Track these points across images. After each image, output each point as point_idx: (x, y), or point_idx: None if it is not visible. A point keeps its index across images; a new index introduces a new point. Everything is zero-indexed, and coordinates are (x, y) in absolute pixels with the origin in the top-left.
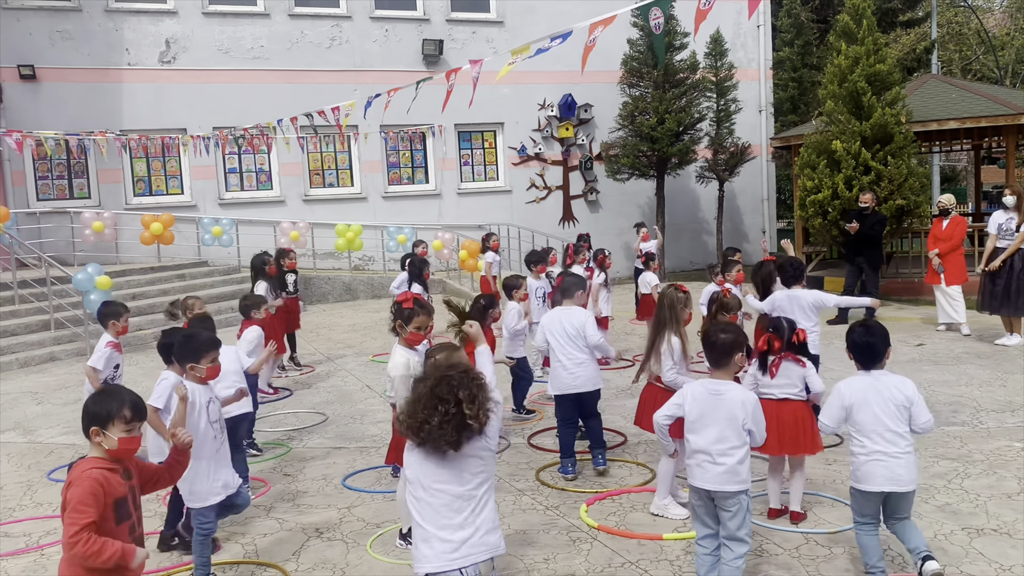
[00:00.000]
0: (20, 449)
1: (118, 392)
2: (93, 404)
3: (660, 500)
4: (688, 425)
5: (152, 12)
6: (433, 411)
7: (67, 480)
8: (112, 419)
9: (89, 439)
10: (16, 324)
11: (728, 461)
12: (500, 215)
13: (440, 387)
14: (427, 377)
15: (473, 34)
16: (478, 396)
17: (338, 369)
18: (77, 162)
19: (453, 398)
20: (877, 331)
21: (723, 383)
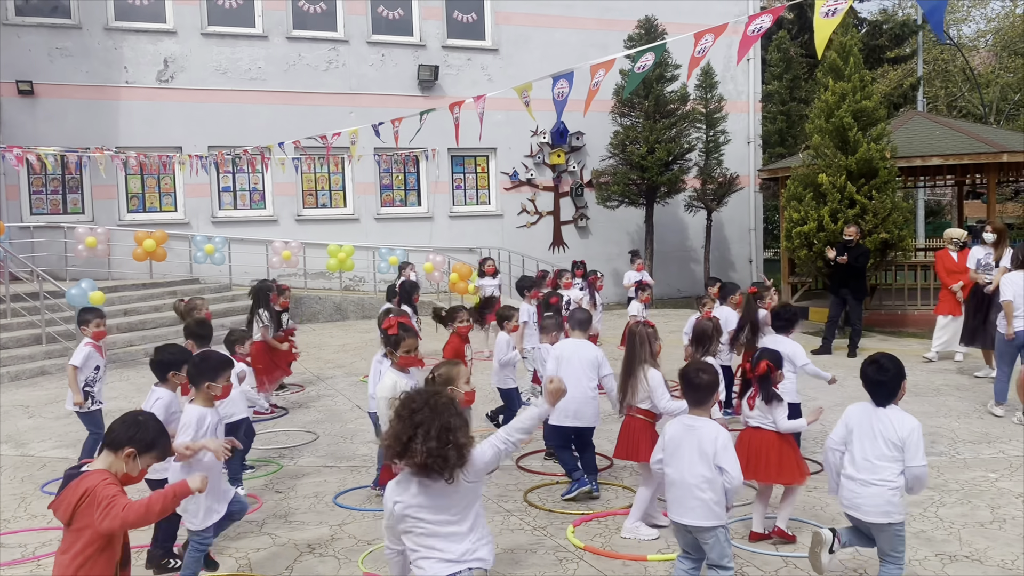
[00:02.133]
0: (13, 462)
1: (156, 423)
2: (134, 430)
3: (630, 523)
4: (665, 459)
5: (151, 31)
6: (414, 436)
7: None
8: (152, 450)
9: (116, 453)
10: (8, 338)
11: (703, 496)
12: (491, 239)
13: (419, 414)
14: (410, 402)
15: (468, 61)
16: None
17: (328, 389)
18: (71, 177)
19: (434, 426)
20: (888, 367)
21: (699, 419)
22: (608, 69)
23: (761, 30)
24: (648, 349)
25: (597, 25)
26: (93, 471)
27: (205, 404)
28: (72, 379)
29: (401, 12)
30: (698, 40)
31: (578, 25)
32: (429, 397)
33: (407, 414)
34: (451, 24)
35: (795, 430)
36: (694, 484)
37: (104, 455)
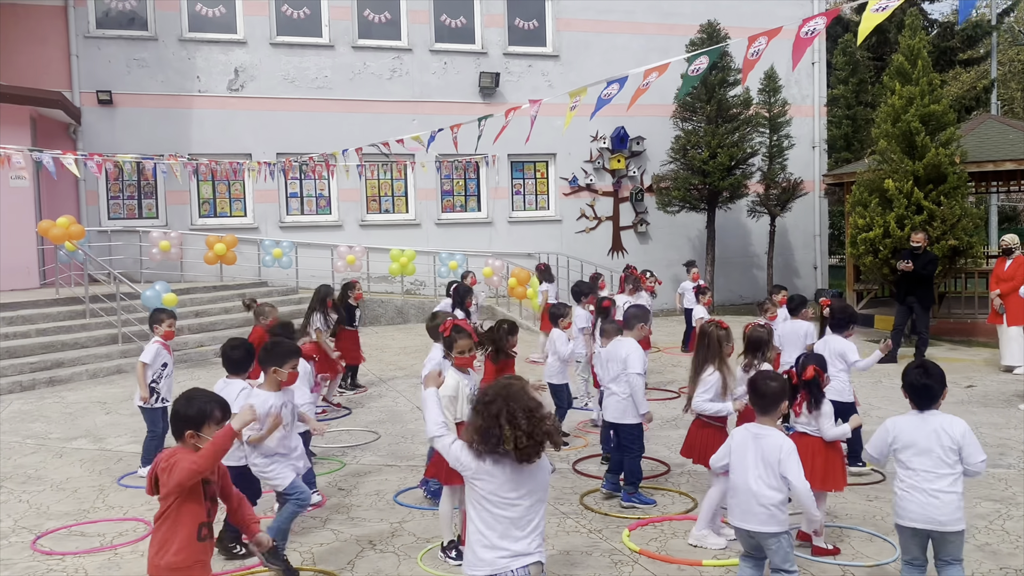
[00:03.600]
0: (91, 456)
1: (204, 394)
2: (185, 408)
3: (698, 530)
4: (731, 465)
5: (223, 42)
6: (504, 429)
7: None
8: (206, 420)
9: (182, 442)
10: (86, 337)
11: (766, 503)
12: (550, 244)
13: (495, 404)
14: (495, 399)
15: (529, 67)
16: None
17: (389, 390)
18: (147, 183)
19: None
20: (934, 372)
21: (765, 428)
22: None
23: (815, 32)
24: (719, 350)
25: (658, 30)
26: (174, 448)
27: (271, 388)
28: (140, 375)
29: (463, 20)
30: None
31: (639, 30)
32: (500, 387)
33: (482, 407)
34: (512, 31)
35: (840, 437)
36: (757, 492)
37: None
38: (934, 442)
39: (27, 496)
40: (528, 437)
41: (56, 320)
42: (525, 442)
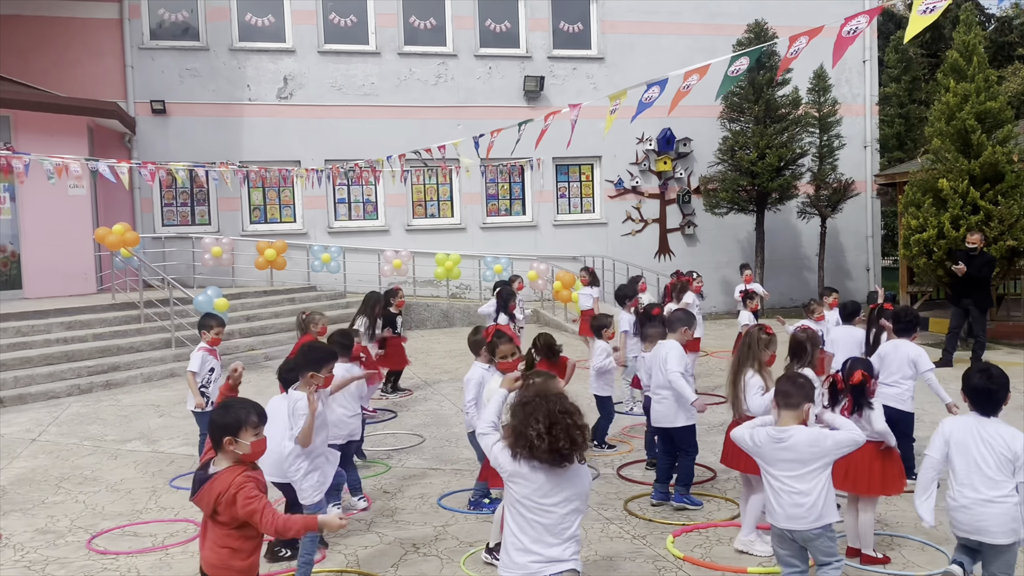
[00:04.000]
0: (145, 457)
1: (240, 402)
2: (221, 416)
3: (744, 536)
4: (763, 468)
5: (272, 51)
6: (538, 431)
7: (215, 492)
8: (242, 427)
9: (221, 449)
10: (141, 341)
11: (806, 500)
12: (595, 247)
13: (531, 404)
14: (531, 400)
15: (574, 70)
16: (559, 421)
17: (434, 393)
18: (199, 191)
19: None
20: (997, 377)
21: (788, 429)
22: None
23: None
24: (754, 352)
25: (704, 30)
26: (223, 472)
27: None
28: (191, 383)
29: (508, 25)
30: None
31: (685, 31)
32: (538, 390)
33: (520, 409)
34: (557, 34)
35: (888, 434)
36: (796, 491)
37: (220, 455)
38: (990, 449)
39: (83, 497)
40: (555, 440)
41: (112, 325)
42: (551, 444)
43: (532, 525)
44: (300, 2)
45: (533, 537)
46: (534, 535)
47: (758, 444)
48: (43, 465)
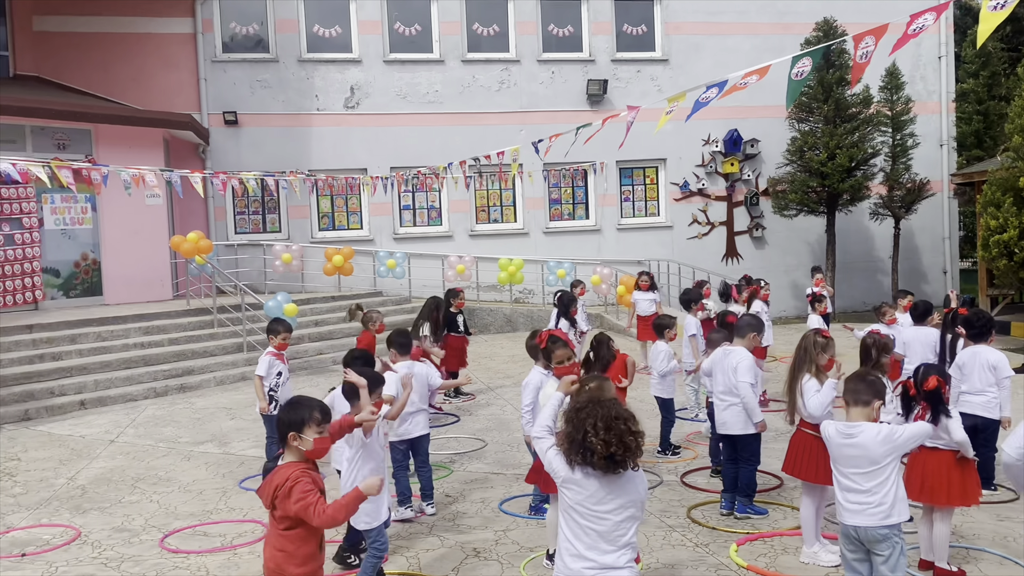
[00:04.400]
0: (216, 459)
1: (306, 400)
2: (287, 413)
3: (808, 548)
4: (833, 467)
5: (339, 61)
6: (593, 437)
7: (274, 484)
8: (306, 423)
9: (286, 444)
10: (214, 346)
11: (874, 498)
12: (660, 251)
13: (585, 410)
14: (585, 405)
15: (638, 73)
16: (613, 427)
17: (497, 398)
18: (270, 199)
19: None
20: None
21: (857, 425)
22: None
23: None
24: (810, 356)
25: (772, 29)
26: (283, 465)
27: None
28: (258, 387)
29: (571, 29)
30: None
31: (752, 31)
32: (592, 396)
33: (573, 415)
34: (620, 37)
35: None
36: (866, 489)
37: (285, 451)
38: None
39: (158, 496)
40: (609, 446)
41: (187, 330)
42: (605, 451)
43: (586, 531)
44: (366, 12)
45: (587, 544)
46: (588, 541)
47: (828, 438)
48: (121, 465)
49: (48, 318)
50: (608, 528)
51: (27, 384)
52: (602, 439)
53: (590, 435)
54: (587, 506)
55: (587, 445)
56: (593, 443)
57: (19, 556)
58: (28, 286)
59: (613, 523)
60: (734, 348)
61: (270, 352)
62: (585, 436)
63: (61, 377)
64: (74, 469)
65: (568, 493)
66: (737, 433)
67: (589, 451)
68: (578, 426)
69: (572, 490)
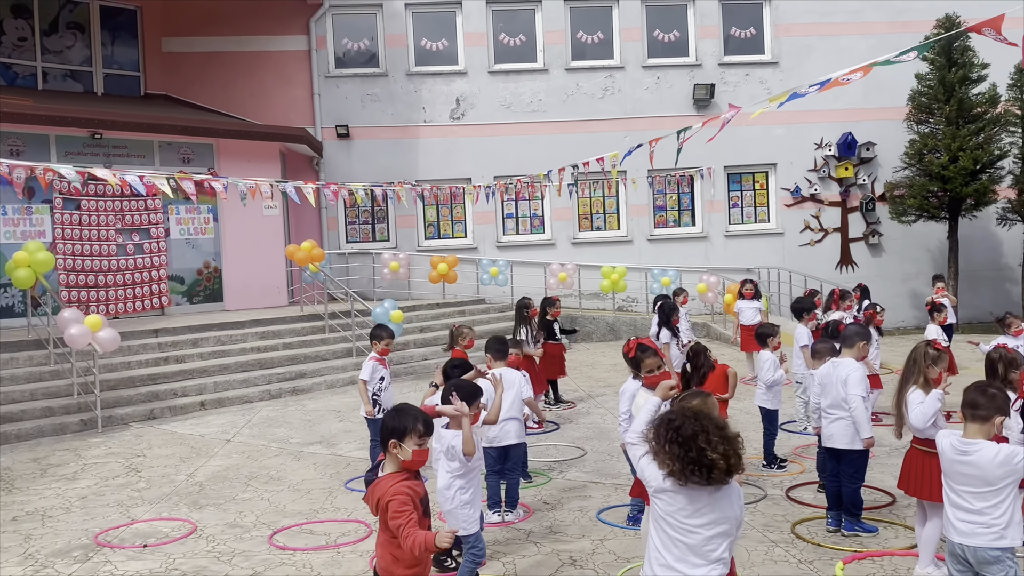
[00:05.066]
0: (324, 460)
1: (412, 410)
2: (392, 420)
3: (921, 569)
4: (944, 481)
5: (446, 74)
6: (690, 450)
7: (376, 497)
8: (408, 433)
9: (387, 451)
10: (325, 350)
11: (985, 518)
12: (771, 258)
13: (684, 427)
14: (684, 420)
15: (746, 76)
16: (726, 437)
17: (597, 407)
18: (379, 209)
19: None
20: None
21: (973, 443)
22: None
23: None
24: (919, 368)
25: (889, 28)
26: (385, 477)
27: (456, 427)
28: (362, 391)
29: (677, 34)
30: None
31: (867, 30)
32: (684, 408)
33: (674, 434)
34: (728, 41)
35: None
36: (977, 509)
37: (385, 457)
38: None
39: (268, 495)
40: (728, 459)
41: (300, 335)
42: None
43: (676, 544)
44: (472, 25)
45: (677, 556)
46: (678, 553)
47: (941, 452)
48: (235, 464)
49: (173, 323)
50: (698, 542)
51: (153, 385)
52: (721, 452)
53: (707, 451)
54: (679, 518)
55: (705, 461)
56: (713, 459)
57: (141, 547)
58: (155, 292)
59: (704, 537)
60: (842, 360)
61: (373, 357)
62: (701, 453)
63: (183, 379)
64: (193, 466)
65: (660, 503)
66: (842, 448)
67: (707, 467)
68: (687, 444)
69: (664, 500)
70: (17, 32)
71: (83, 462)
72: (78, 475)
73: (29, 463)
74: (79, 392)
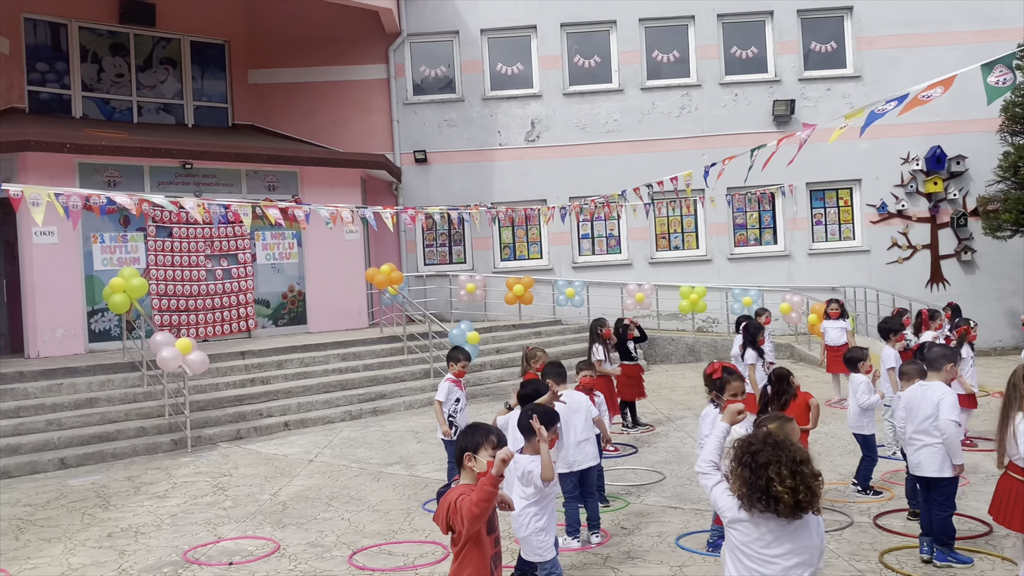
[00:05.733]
0: (403, 481)
1: (484, 426)
2: (464, 436)
3: None
4: None
5: (520, 97)
6: (769, 481)
7: (447, 503)
8: (481, 446)
9: (461, 464)
10: (404, 372)
11: None
12: (856, 276)
13: (763, 453)
14: (762, 448)
15: (827, 91)
16: (799, 472)
17: (677, 430)
18: (455, 231)
19: (776, 471)
20: None
21: None
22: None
23: None
24: (1021, 393)
25: (978, 38)
26: (455, 487)
27: (531, 452)
28: (438, 411)
29: (755, 50)
30: None
31: (955, 40)
32: (765, 436)
33: (749, 459)
34: (808, 55)
35: None
36: None
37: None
38: None
39: (348, 515)
40: (795, 494)
41: (379, 356)
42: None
43: (752, 574)
44: (547, 48)
45: None
46: None
47: None
48: (317, 484)
49: (259, 345)
50: (776, 573)
51: (239, 406)
52: (789, 487)
53: (775, 483)
54: (755, 548)
55: (772, 493)
56: (779, 491)
57: (227, 564)
58: (242, 316)
59: (782, 568)
60: (932, 383)
61: (449, 379)
62: (769, 484)
63: (268, 400)
64: (277, 486)
65: (735, 533)
66: (932, 475)
67: (774, 499)
68: (755, 470)
69: (740, 530)
70: (115, 69)
71: (173, 481)
72: (168, 493)
73: (124, 481)
74: (170, 413)
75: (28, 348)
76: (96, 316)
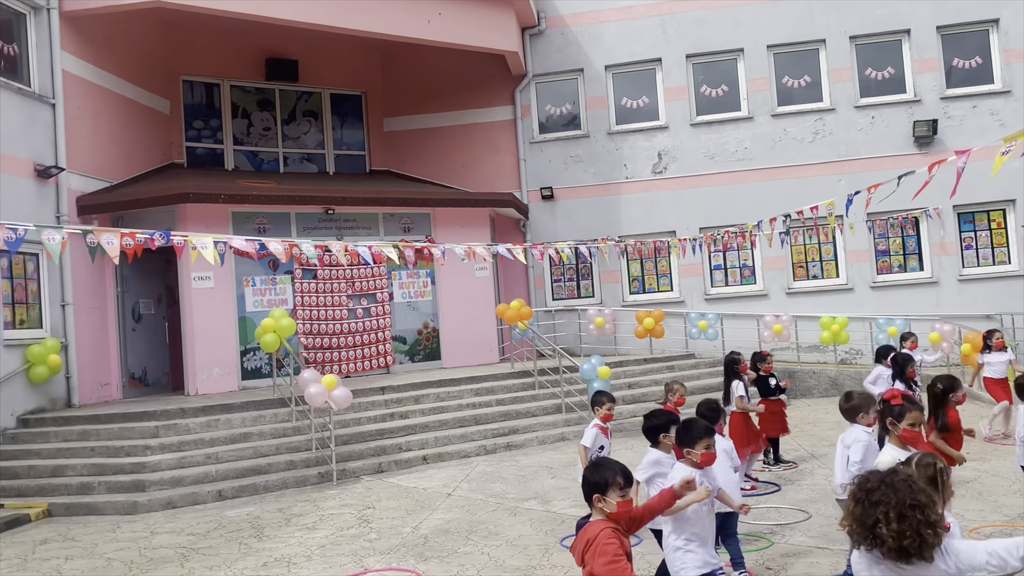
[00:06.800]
0: (539, 516)
1: (610, 463)
2: (592, 475)
3: None
4: None
5: (646, 130)
6: (877, 519)
7: (585, 538)
8: (609, 486)
9: (592, 505)
10: (536, 407)
11: None
12: (1013, 303)
13: (876, 493)
14: (878, 486)
15: (973, 108)
16: (908, 516)
17: (821, 467)
18: (583, 266)
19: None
20: None
21: None
22: None
23: None
24: None
25: None
26: (594, 522)
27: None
28: (582, 456)
29: (892, 71)
30: None
31: None
32: (885, 475)
33: (863, 495)
34: (951, 72)
35: None
36: None
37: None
38: None
39: (488, 549)
40: (900, 539)
41: (511, 391)
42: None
43: None
44: (672, 80)
45: None
46: None
47: None
48: (456, 518)
49: (397, 380)
50: None
51: (380, 440)
52: (894, 530)
53: (880, 524)
54: None
55: (878, 533)
56: (884, 534)
57: None
58: (381, 352)
59: None
60: None
61: (596, 424)
62: (876, 524)
63: (407, 434)
64: (418, 519)
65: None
66: None
67: (879, 540)
68: (869, 510)
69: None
70: (262, 123)
71: (321, 513)
72: (317, 525)
73: (275, 512)
74: (316, 447)
75: (188, 386)
76: (248, 355)
